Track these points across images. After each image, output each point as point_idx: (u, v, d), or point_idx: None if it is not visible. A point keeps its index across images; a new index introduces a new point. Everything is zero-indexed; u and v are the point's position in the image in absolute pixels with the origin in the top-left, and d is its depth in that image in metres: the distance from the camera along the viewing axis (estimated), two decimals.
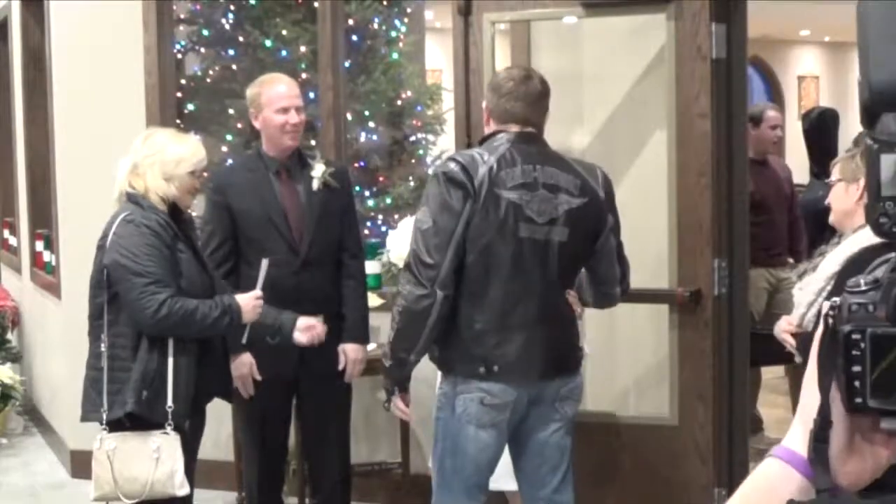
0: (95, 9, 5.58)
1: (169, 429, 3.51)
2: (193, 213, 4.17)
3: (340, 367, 4.13)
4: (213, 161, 6.94)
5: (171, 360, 3.52)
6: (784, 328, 3.38)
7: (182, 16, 6.86)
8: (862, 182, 3.21)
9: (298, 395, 4.19)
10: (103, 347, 3.55)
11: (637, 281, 3.81)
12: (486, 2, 4.63)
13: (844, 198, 3.34)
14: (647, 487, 4.37)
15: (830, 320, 1.05)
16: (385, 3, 7.03)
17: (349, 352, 4.14)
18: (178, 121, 5.91)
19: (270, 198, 4.06)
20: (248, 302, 3.69)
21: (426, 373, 4.99)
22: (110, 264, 3.54)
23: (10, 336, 7.26)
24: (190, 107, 6.55)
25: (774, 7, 9.86)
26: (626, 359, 4.74)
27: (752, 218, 5.19)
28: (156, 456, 3.50)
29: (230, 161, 6.24)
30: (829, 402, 1.05)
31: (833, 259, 3.30)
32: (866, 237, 3.62)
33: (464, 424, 3.32)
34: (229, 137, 6.76)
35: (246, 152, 5.39)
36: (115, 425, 3.54)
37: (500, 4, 4.64)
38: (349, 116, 5.73)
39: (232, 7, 6.87)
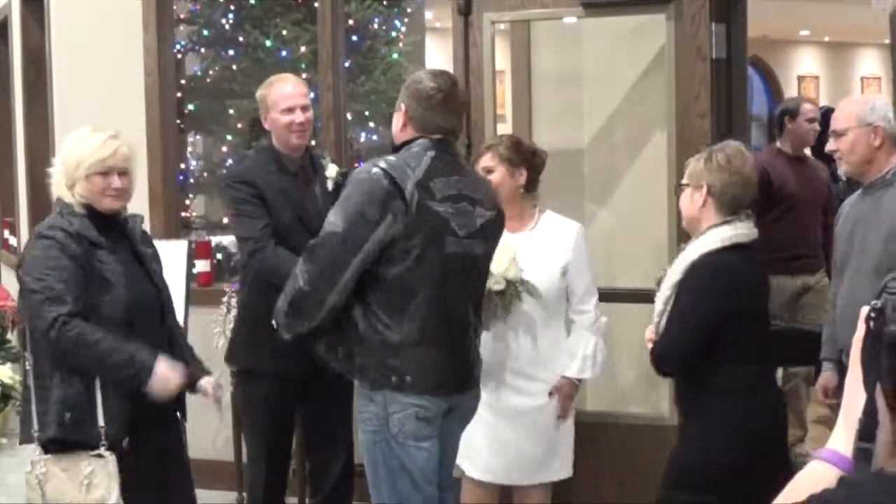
0: (95, 9, 5.58)
1: (103, 450, 3.21)
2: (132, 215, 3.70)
3: None
4: (213, 161, 6.96)
5: (98, 380, 3.20)
6: (648, 337, 3.37)
7: (182, 16, 6.85)
8: (706, 188, 3.24)
9: (305, 396, 4.17)
10: (28, 366, 3.30)
11: (637, 281, 3.81)
12: (487, 2, 4.64)
13: (690, 204, 3.31)
14: (647, 487, 4.37)
15: (872, 322, 1.07)
16: (385, 3, 7.03)
17: None
18: (178, 121, 5.90)
19: (296, 197, 4.04)
20: (166, 377, 3.25)
21: None
22: (21, 278, 3.26)
23: (9, 336, 7.26)
24: (190, 107, 6.54)
25: (774, 7, 9.85)
26: (626, 359, 4.74)
27: (776, 213, 5.17)
28: (86, 482, 3.23)
29: (238, 159, 6.23)
30: (874, 401, 1.06)
31: (676, 268, 3.28)
32: (705, 243, 3.60)
33: (403, 442, 3.26)
34: (229, 137, 6.76)
35: (249, 151, 5.35)
36: (48, 447, 3.27)
37: (500, 4, 4.64)
38: (349, 116, 5.73)
39: (232, 7, 6.87)
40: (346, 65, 5.53)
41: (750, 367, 3.24)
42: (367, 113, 6.86)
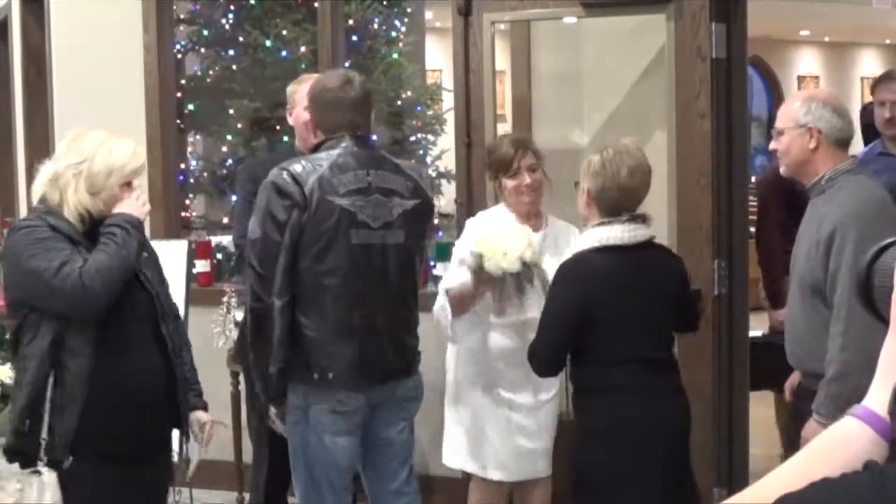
0: (95, 9, 5.58)
1: (41, 465, 3.00)
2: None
3: None
4: (213, 161, 6.96)
5: (50, 383, 3.02)
6: None
7: (182, 16, 6.85)
8: (586, 191, 3.38)
9: None
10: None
11: None
12: (486, 2, 4.64)
13: (580, 204, 3.46)
14: None
15: None
16: (385, 3, 7.02)
17: None
18: (178, 121, 5.90)
19: None
20: (133, 206, 3.16)
21: (427, 373, 4.99)
22: (15, 279, 3.08)
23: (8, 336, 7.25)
24: (190, 107, 6.54)
25: (774, 7, 9.85)
26: None
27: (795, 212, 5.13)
28: (12, 501, 3.07)
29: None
30: None
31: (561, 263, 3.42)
32: (579, 244, 3.67)
33: (320, 435, 3.35)
34: (229, 137, 6.76)
35: (271, 151, 5.37)
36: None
37: (500, 4, 4.64)
38: None
39: (232, 7, 6.87)
40: (346, 65, 5.53)
41: (619, 368, 3.30)
42: None
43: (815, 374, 3.25)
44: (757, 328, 5.02)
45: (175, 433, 4.22)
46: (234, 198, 5.46)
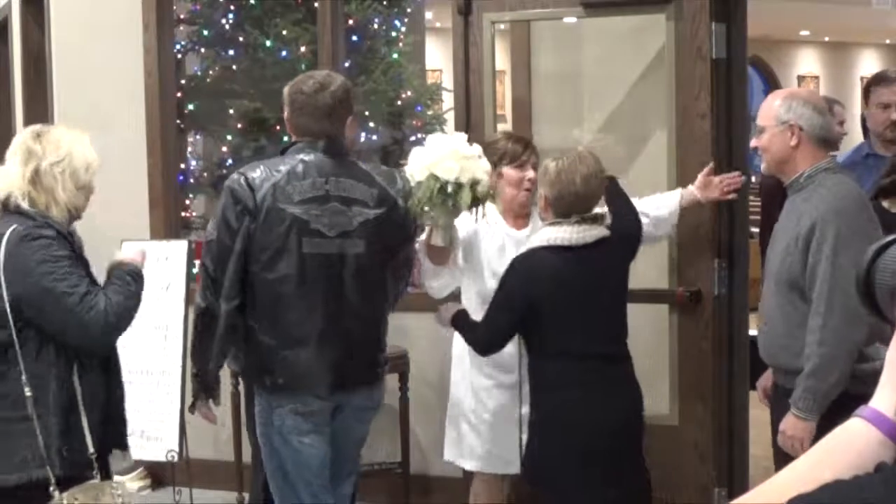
0: (95, 9, 5.58)
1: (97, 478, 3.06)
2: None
3: None
4: (213, 161, 6.96)
5: (81, 407, 3.03)
6: None
7: (182, 16, 6.85)
8: (543, 195, 3.50)
9: None
10: (28, 391, 2.96)
11: (637, 281, 3.81)
12: (486, 2, 4.63)
13: (539, 206, 3.60)
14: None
15: None
16: (385, 3, 7.02)
17: None
18: (178, 121, 5.90)
19: None
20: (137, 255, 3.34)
21: (427, 374, 5.00)
22: (25, 293, 2.96)
23: None
24: (190, 107, 6.54)
25: (774, 7, 9.86)
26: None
27: None
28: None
29: (231, 160, 6.24)
30: None
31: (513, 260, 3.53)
32: (531, 242, 3.77)
33: (286, 436, 3.38)
34: (229, 137, 6.76)
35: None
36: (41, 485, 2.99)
37: (500, 4, 4.64)
38: None
39: (232, 7, 6.87)
40: (346, 65, 5.53)
41: (561, 362, 3.42)
42: (367, 113, 6.86)
43: (792, 371, 3.27)
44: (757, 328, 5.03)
45: (175, 433, 4.25)
46: None
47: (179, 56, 6.54)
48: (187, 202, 6.49)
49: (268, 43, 6.64)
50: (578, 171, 3.45)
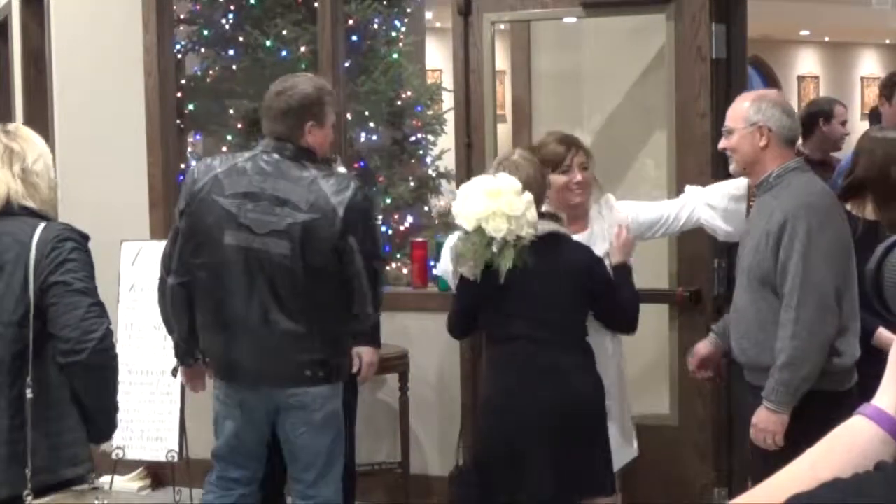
0: (95, 9, 5.58)
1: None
2: None
3: (354, 369, 4.14)
4: None
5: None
6: None
7: (182, 16, 6.84)
8: None
9: None
10: (29, 394, 2.81)
11: (637, 281, 3.81)
12: (487, 2, 4.63)
13: None
14: (647, 487, 4.37)
15: None
16: (385, 3, 7.02)
17: (364, 355, 4.14)
18: (178, 121, 5.90)
19: None
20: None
21: (427, 374, 5.00)
22: (48, 288, 2.83)
23: None
24: (190, 107, 6.54)
25: (774, 7, 9.85)
26: (626, 359, 4.73)
27: None
28: None
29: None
30: None
31: None
32: None
33: (216, 413, 3.70)
34: (229, 137, 6.75)
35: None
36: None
37: (500, 4, 4.64)
38: (349, 116, 5.72)
39: (232, 7, 6.86)
40: (346, 65, 5.53)
41: (505, 346, 3.58)
42: (367, 113, 6.85)
43: (763, 368, 3.31)
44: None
45: (175, 433, 4.26)
46: None
47: (179, 56, 6.53)
48: None
49: (268, 43, 6.63)
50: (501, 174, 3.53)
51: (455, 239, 3.61)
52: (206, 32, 6.89)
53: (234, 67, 6.85)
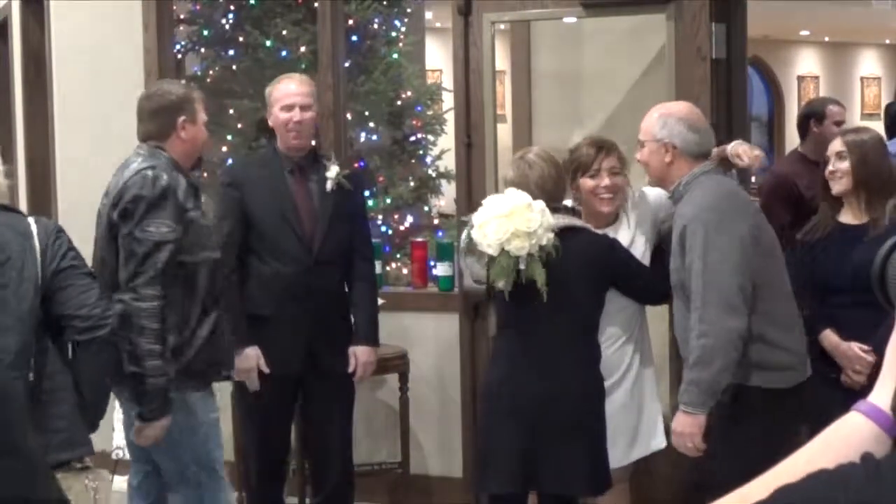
0: (95, 9, 5.58)
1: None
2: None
3: (350, 369, 4.14)
4: (213, 161, 6.95)
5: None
6: None
7: (182, 16, 6.85)
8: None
9: (303, 394, 4.19)
10: (31, 377, 2.93)
11: None
12: (486, 2, 4.64)
13: None
14: (647, 487, 4.37)
15: None
16: (385, 3, 7.02)
17: (360, 354, 4.15)
18: None
19: (284, 195, 4.08)
20: None
21: (427, 374, 5.00)
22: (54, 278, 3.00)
23: None
24: None
25: (774, 7, 9.86)
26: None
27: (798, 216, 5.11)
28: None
29: (237, 157, 6.25)
30: None
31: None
32: None
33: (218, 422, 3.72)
34: (229, 137, 6.76)
35: (260, 149, 5.42)
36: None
37: (500, 4, 4.64)
38: (349, 116, 5.72)
39: (232, 7, 6.86)
40: (346, 65, 5.53)
41: (503, 333, 3.67)
42: (367, 113, 6.86)
43: None
44: None
45: None
46: None
47: (179, 56, 6.54)
48: None
49: (268, 43, 6.63)
50: (530, 178, 3.54)
51: (465, 237, 3.68)
52: (206, 32, 6.89)
53: (234, 67, 6.85)
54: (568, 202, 3.72)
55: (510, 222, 3.42)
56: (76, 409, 2.95)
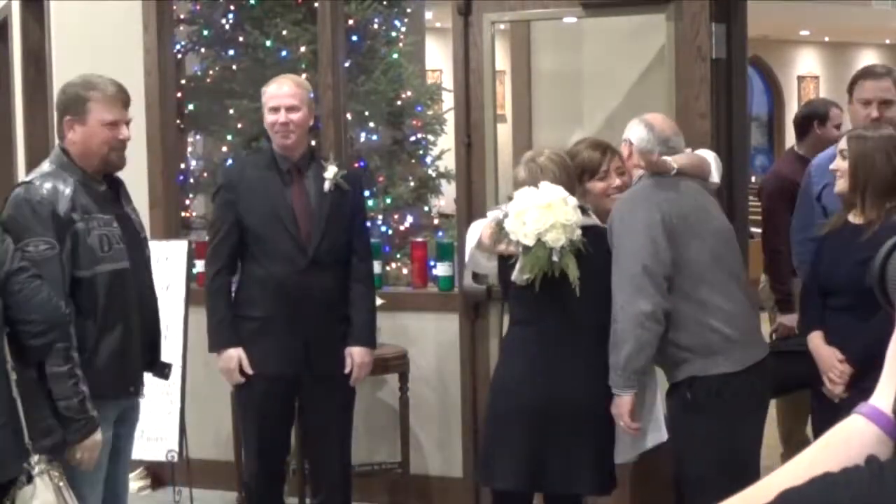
0: (95, 9, 5.58)
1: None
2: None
3: (347, 370, 4.14)
4: (213, 161, 6.95)
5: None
6: None
7: (182, 16, 6.84)
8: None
9: (301, 395, 4.19)
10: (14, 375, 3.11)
11: None
12: (486, 2, 4.64)
13: None
14: (648, 487, 4.37)
15: None
16: (385, 3, 7.02)
17: (356, 355, 4.15)
18: (178, 121, 5.90)
19: (279, 196, 4.08)
20: None
21: (427, 374, 5.01)
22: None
23: None
24: (190, 107, 6.54)
25: (774, 7, 9.87)
26: None
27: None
28: None
29: (236, 158, 6.25)
30: None
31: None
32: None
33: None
34: (229, 137, 6.75)
35: (257, 151, 5.42)
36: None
37: (500, 4, 4.64)
38: (349, 116, 5.72)
39: (232, 7, 6.86)
40: (346, 65, 5.53)
41: (517, 329, 3.66)
42: (367, 113, 6.85)
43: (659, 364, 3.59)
44: None
45: (175, 433, 4.26)
46: None
47: (179, 56, 6.53)
48: (187, 202, 6.49)
49: (268, 43, 6.63)
50: (540, 181, 3.54)
51: (473, 230, 3.71)
52: (206, 32, 6.88)
53: (234, 67, 6.85)
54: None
55: (551, 213, 3.43)
56: (5, 429, 2.94)
